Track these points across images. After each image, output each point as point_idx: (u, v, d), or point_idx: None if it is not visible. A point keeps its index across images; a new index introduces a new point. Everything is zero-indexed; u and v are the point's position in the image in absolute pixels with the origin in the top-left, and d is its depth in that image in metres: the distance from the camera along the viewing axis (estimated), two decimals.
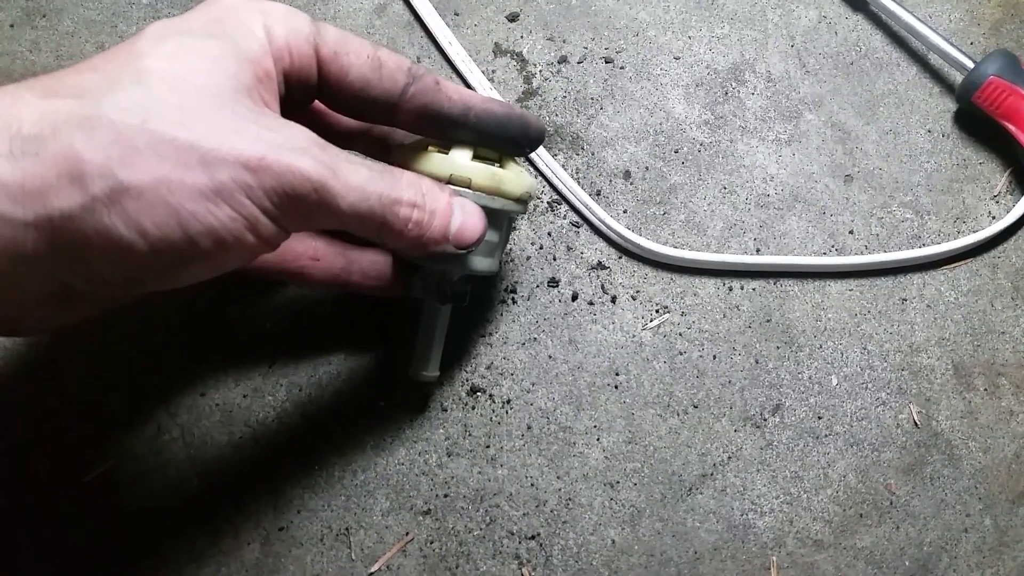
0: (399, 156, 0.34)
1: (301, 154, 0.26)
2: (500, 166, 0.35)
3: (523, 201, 0.36)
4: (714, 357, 0.42)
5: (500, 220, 0.36)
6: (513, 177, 0.35)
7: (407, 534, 0.39)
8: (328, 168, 0.27)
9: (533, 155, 0.45)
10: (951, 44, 0.45)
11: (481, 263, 0.36)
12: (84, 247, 0.24)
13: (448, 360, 0.42)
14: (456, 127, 0.33)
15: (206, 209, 0.25)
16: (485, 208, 0.33)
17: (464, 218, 0.32)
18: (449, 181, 0.33)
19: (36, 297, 0.26)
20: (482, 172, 0.34)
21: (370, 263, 0.38)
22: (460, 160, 0.33)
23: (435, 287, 0.37)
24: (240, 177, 0.25)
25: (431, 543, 0.39)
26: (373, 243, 0.34)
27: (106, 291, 0.27)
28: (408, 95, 0.31)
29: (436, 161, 0.33)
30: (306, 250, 0.36)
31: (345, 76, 0.30)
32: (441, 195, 0.31)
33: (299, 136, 0.27)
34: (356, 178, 0.28)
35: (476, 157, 0.34)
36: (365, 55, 0.30)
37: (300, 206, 0.27)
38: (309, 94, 0.30)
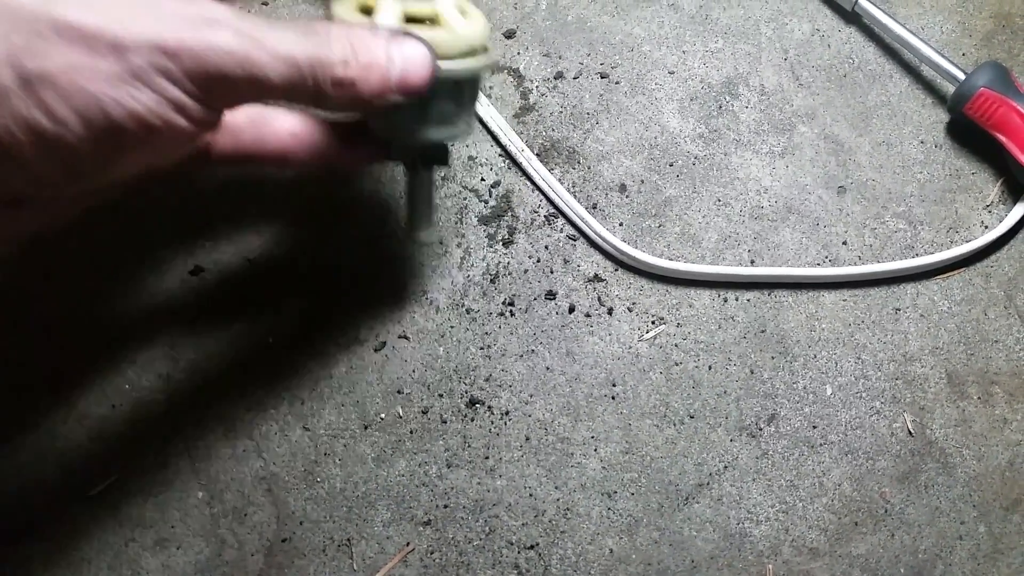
0: (333, 10, 0.32)
1: (220, 28, 0.25)
2: (434, 22, 0.32)
3: (472, 54, 0.33)
4: (710, 368, 0.43)
5: (447, 85, 0.33)
6: (447, 37, 0.31)
7: (408, 544, 0.40)
8: (250, 39, 0.25)
9: (530, 169, 0.45)
10: (943, 56, 0.46)
11: (437, 132, 0.34)
12: (13, 145, 0.23)
13: (447, 372, 0.42)
14: None
15: (127, 93, 0.24)
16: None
17: (404, 63, 0.29)
18: None
19: None
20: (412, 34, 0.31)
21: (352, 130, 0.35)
22: (385, 20, 0.31)
23: (401, 153, 0.36)
24: (157, 61, 0.24)
25: (431, 553, 0.40)
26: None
27: (51, 190, 0.26)
28: None
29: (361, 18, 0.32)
30: (283, 126, 0.34)
31: None
32: (375, 43, 0.28)
33: (216, 7, 0.25)
34: (282, 45, 0.26)
35: (409, 20, 0.32)
36: None
37: (227, 84, 0.25)
38: None
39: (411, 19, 0.32)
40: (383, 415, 0.42)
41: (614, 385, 0.42)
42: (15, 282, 0.43)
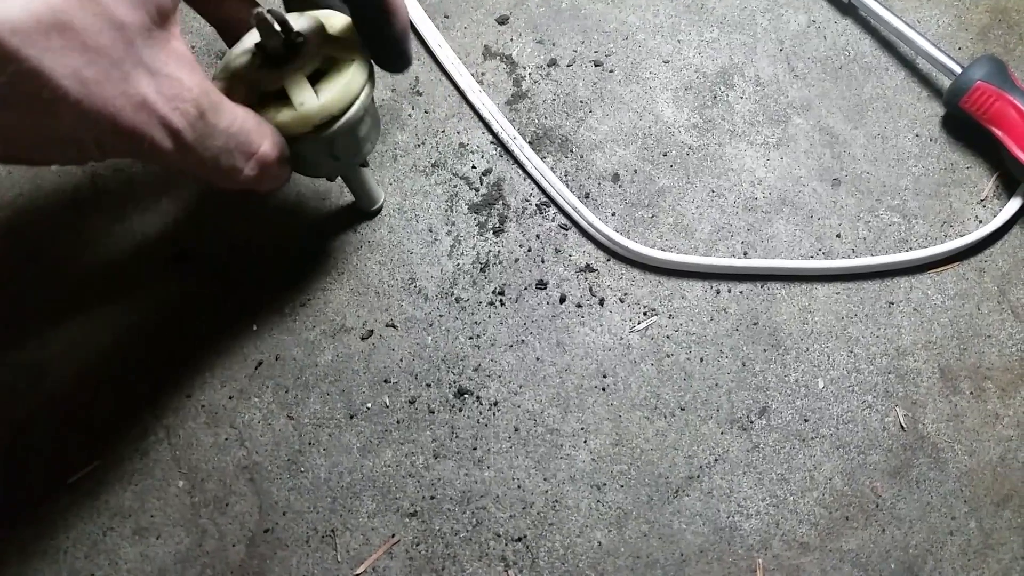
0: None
1: None
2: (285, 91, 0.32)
3: (330, 123, 0.33)
4: (701, 360, 0.42)
5: (318, 144, 0.34)
6: (294, 118, 0.32)
7: (393, 536, 0.39)
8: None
9: (522, 157, 0.45)
10: (939, 49, 0.46)
11: (334, 169, 0.37)
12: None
13: (435, 362, 0.42)
14: None
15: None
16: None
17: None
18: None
19: None
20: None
21: None
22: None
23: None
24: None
25: (417, 545, 0.39)
26: None
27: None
28: None
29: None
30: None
31: None
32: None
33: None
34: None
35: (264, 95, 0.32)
36: None
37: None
38: None
39: (265, 94, 0.33)
40: (369, 404, 0.41)
41: (604, 376, 0.42)
42: None
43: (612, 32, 0.48)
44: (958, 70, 0.45)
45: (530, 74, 0.47)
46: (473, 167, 0.45)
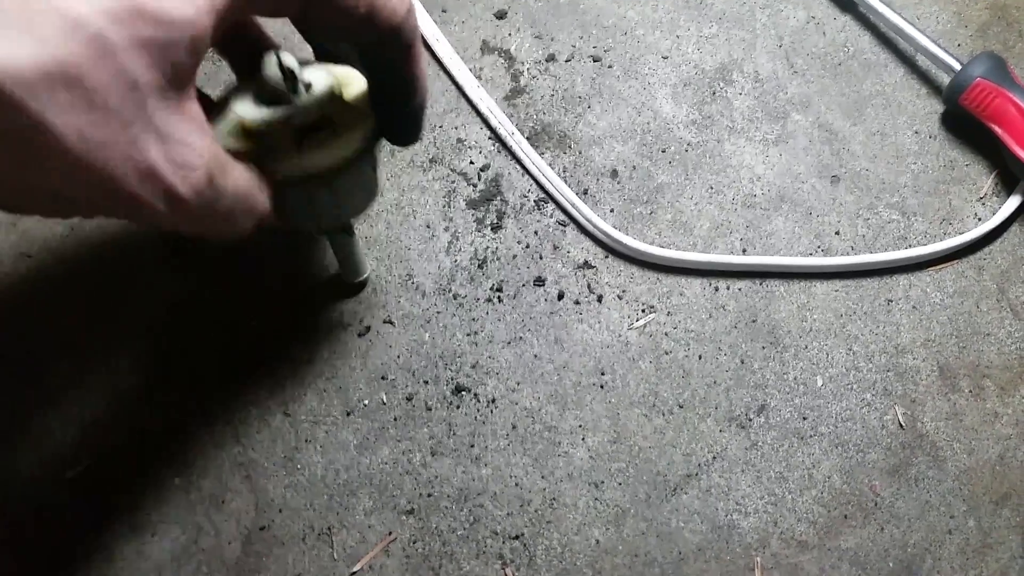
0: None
1: None
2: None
3: (317, 176, 0.32)
4: (700, 357, 0.42)
5: (304, 198, 0.33)
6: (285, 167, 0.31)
7: (390, 534, 0.39)
8: None
9: (520, 153, 0.44)
10: (939, 46, 0.46)
11: (325, 223, 0.36)
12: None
13: (433, 359, 0.41)
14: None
15: None
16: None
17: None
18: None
19: None
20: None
21: None
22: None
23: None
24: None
25: (414, 543, 0.39)
26: None
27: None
28: None
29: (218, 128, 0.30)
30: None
31: None
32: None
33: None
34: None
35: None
36: None
37: None
38: None
39: (247, 129, 0.30)
40: (366, 401, 0.41)
41: (603, 374, 0.42)
42: None
43: (611, 27, 0.48)
44: (957, 67, 0.45)
45: (528, 69, 0.47)
46: (471, 163, 0.45)
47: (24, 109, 0.20)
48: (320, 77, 0.32)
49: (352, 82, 0.33)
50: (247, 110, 0.31)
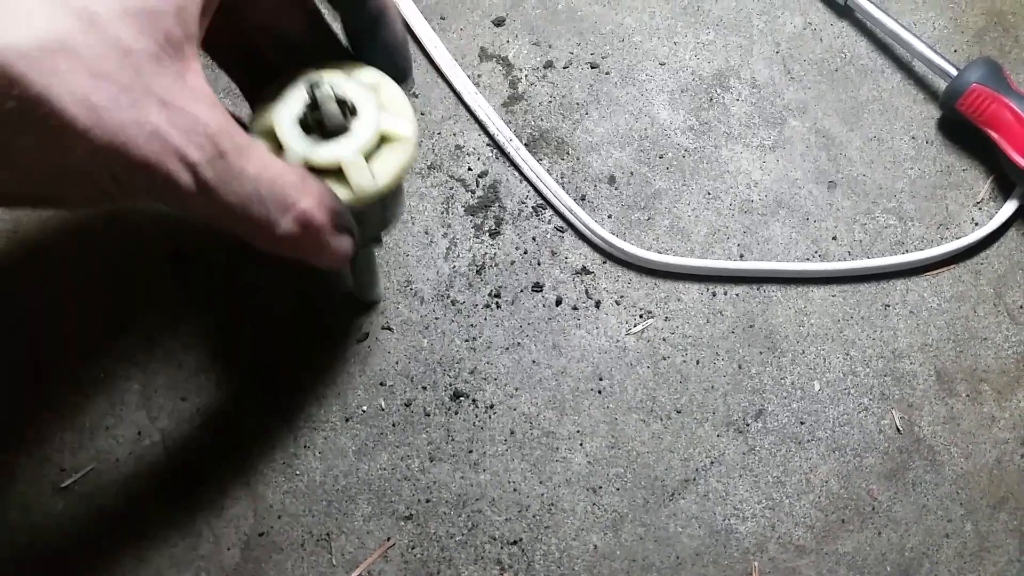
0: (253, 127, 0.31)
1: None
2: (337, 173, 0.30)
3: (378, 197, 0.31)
4: (697, 362, 0.42)
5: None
6: (349, 195, 0.30)
7: (388, 539, 0.39)
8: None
9: (519, 160, 0.45)
10: (935, 51, 0.46)
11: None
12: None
13: (431, 365, 0.42)
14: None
15: None
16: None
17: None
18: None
19: None
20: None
21: None
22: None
23: None
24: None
25: (413, 549, 0.39)
26: None
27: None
28: None
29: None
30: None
31: None
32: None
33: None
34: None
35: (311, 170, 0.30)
36: None
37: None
38: None
39: (312, 170, 0.30)
40: (365, 407, 0.41)
41: (601, 379, 0.42)
42: None
43: (608, 34, 0.48)
44: (954, 72, 0.45)
45: (526, 76, 0.47)
46: (469, 169, 0.45)
47: (29, 83, 0.21)
48: (358, 91, 0.30)
49: (384, 88, 0.32)
50: (303, 146, 0.29)
